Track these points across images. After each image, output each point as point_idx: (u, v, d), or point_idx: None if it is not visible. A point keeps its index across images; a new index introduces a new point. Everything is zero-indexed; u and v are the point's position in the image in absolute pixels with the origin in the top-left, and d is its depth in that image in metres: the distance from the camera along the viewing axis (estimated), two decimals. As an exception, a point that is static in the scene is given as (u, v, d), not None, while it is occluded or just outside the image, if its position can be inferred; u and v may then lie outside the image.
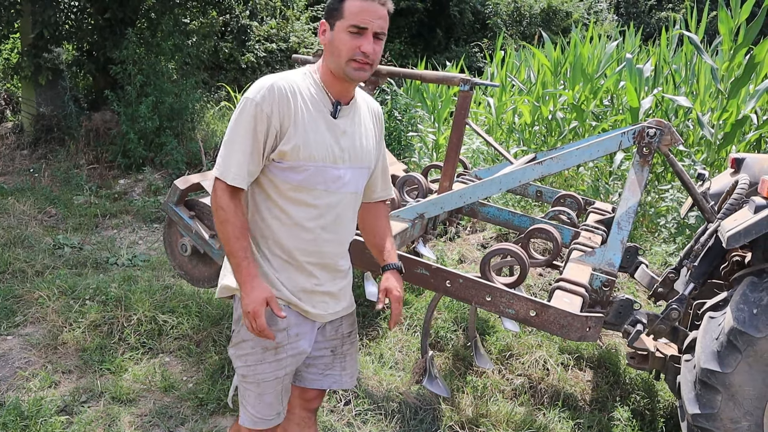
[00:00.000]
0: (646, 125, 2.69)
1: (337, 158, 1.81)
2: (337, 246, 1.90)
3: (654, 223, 5.65)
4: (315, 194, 1.79)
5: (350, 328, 2.08)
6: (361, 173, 1.90)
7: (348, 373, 2.09)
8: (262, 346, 1.85)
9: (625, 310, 2.70)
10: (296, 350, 1.90)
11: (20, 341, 3.55)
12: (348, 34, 1.70)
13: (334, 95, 1.81)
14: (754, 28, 5.38)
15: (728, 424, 2.29)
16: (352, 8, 1.70)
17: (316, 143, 1.76)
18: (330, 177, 1.79)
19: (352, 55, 1.71)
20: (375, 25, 1.71)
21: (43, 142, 8.06)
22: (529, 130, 7.54)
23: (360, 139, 1.88)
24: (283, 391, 1.94)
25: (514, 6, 17.61)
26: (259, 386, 1.89)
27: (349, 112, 1.85)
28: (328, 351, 2.03)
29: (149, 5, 8.57)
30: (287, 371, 1.92)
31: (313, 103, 1.78)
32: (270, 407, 1.92)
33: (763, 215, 2.29)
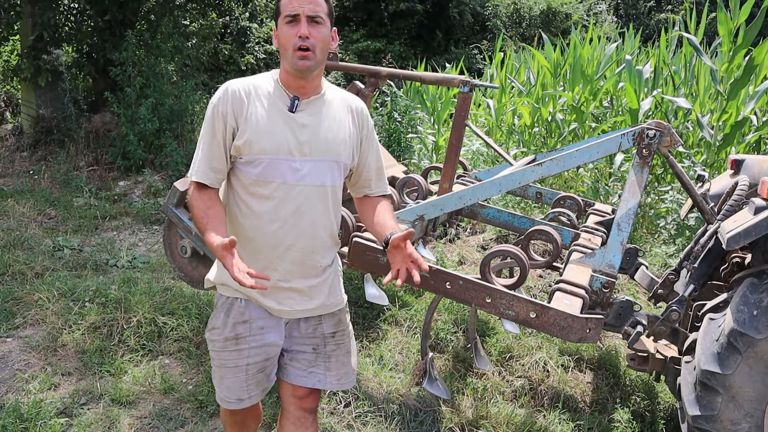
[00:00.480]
0: (646, 127, 2.69)
1: (293, 150, 1.85)
2: (301, 239, 1.91)
3: (654, 224, 5.65)
4: (273, 187, 1.85)
5: (334, 328, 2.06)
6: (325, 166, 1.91)
7: (333, 375, 2.07)
8: (224, 336, 1.96)
9: (625, 311, 2.69)
10: (261, 342, 1.97)
11: (20, 343, 3.55)
12: (286, 27, 1.80)
13: (292, 91, 1.88)
14: (754, 30, 5.38)
15: (728, 425, 2.29)
16: (284, 3, 1.81)
17: (268, 137, 1.83)
18: (287, 169, 1.85)
19: (293, 44, 1.79)
20: (306, 9, 1.78)
21: (42, 144, 8.06)
22: (529, 132, 7.55)
23: (325, 133, 1.91)
24: (249, 380, 1.99)
25: (514, 8, 17.63)
26: (221, 370, 2.01)
27: (311, 107, 1.90)
28: (309, 348, 2.04)
29: (149, 7, 8.58)
30: (251, 362, 1.97)
31: (269, 100, 1.86)
32: (229, 391, 2.01)
33: (762, 216, 2.29)
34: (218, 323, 1.97)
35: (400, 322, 3.99)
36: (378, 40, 15.63)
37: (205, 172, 1.86)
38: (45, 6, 7.45)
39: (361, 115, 2.03)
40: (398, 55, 15.39)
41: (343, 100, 1.99)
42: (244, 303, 1.95)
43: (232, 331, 1.95)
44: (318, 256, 1.96)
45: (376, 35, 16.02)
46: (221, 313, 1.98)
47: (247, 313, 1.95)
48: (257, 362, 1.99)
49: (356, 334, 3.79)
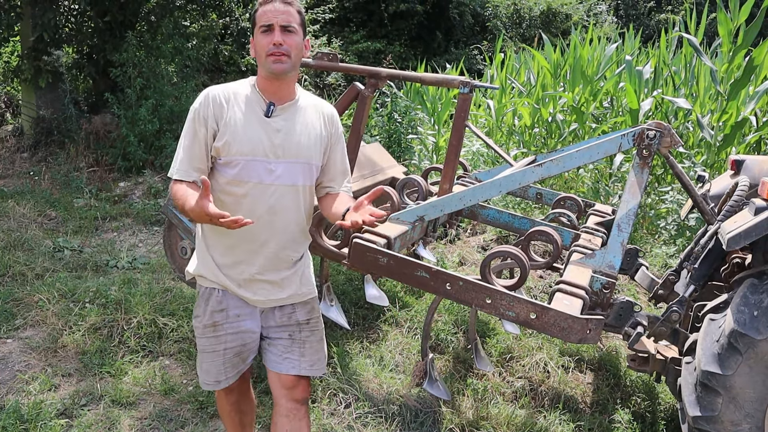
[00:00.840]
0: (646, 127, 2.69)
1: (268, 153, 1.99)
2: (275, 235, 2.06)
3: (654, 225, 5.65)
4: (249, 186, 1.99)
5: (307, 315, 2.21)
6: (298, 167, 2.05)
7: (307, 360, 2.19)
8: (203, 323, 2.12)
9: (626, 312, 2.69)
10: (237, 329, 2.12)
11: (20, 344, 3.55)
12: (261, 36, 1.96)
13: (269, 97, 2.02)
14: (753, 30, 5.38)
15: (729, 426, 2.29)
16: (259, 14, 1.98)
17: (246, 139, 1.96)
18: (263, 170, 1.98)
19: (267, 50, 1.94)
20: (279, 19, 1.94)
21: (43, 145, 8.06)
22: (529, 133, 7.55)
23: (298, 137, 2.05)
24: (226, 363, 2.15)
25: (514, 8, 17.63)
26: (201, 354, 2.17)
27: (285, 112, 2.04)
28: (285, 335, 2.18)
29: (149, 8, 8.58)
30: (228, 347, 2.13)
31: (247, 105, 2.00)
32: (207, 374, 2.17)
33: (763, 217, 2.29)
34: (199, 312, 2.14)
35: (400, 323, 3.99)
36: (378, 41, 15.62)
37: (186, 170, 1.97)
38: (45, 7, 7.45)
39: (332, 121, 2.18)
40: (398, 55, 15.39)
41: (315, 107, 2.14)
42: (221, 293, 2.10)
43: (210, 319, 2.11)
44: (290, 251, 2.12)
45: (376, 36, 16.02)
46: (202, 302, 2.13)
47: (224, 302, 2.10)
48: (234, 347, 2.14)
49: (357, 335, 3.79)
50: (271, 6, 1.95)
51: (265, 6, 1.96)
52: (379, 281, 4.17)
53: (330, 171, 2.19)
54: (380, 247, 2.73)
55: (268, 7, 1.96)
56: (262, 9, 1.97)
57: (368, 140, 6.53)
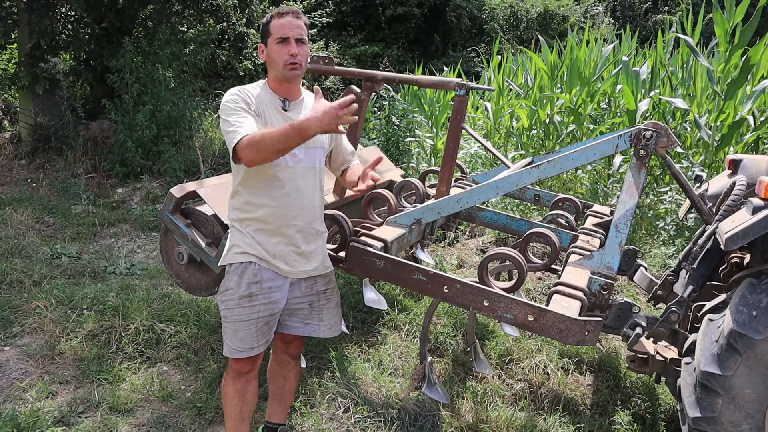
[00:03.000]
0: (643, 128, 2.68)
1: None
2: (302, 210, 2.37)
3: (653, 225, 5.64)
4: (278, 168, 2.29)
5: (325, 286, 2.54)
6: (314, 152, 2.40)
7: (325, 324, 2.56)
8: (239, 295, 2.34)
9: (624, 313, 2.68)
10: (269, 300, 2.38)
11: (17, 352, 3.54)
12: (277, 46, 2.28)
13: (281, 96, 2.37)
14: (750, 29, 5.38)
15: (729, 427, 2.27)
16: (275, 26, 2.28)
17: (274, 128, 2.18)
18: (288, 155, 2.24)
19: (285, 60, 2.27)
20: (294, 33, 2.27)
21: (40, 152, 8.05)
22: (527, 134, 7.54)
23: None
24: (258, 332, 2.39)
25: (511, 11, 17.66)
26: (235, 324, 2.37)
27: (297, 107, 2.40)
28: (305, 304, 2.49)
29: (146, 14, 8.58)
30: (260, 315, 2.37)
31: (265, 102, 2.33)
32: (243, 341, 2.38)
33: (760, 216, 2.28)
34: (231, 284, 2.35)
35: (399, 327, 3.97)
36: (376, 45, 15.65)
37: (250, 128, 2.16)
38: (42, 14, 7.44)
39: None
40: (396, 59, 15.41)
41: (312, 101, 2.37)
42: (257, 266, 2.34)
43: (247, 290, 2.34)
44: (315, 224, 2.45)
45: (373, 40, 16.04)
46: (234, 276, 2.35)
47: (260, 275, 2.35)
48: (264, 316, 2.38)
49: (355, 339, 3.77)
50: (286, 20, 2.27)
51: (280, 19, 2.27)
52: (378, 284, 4.16)
53: (342, 153, 2.60)
54: (377, 250, 2.72)
55: (283, 21, 2.27)
56: (278, 22, 2.27)
57: (366, 143, 6.52)
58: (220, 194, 2.87)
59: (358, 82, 3.64)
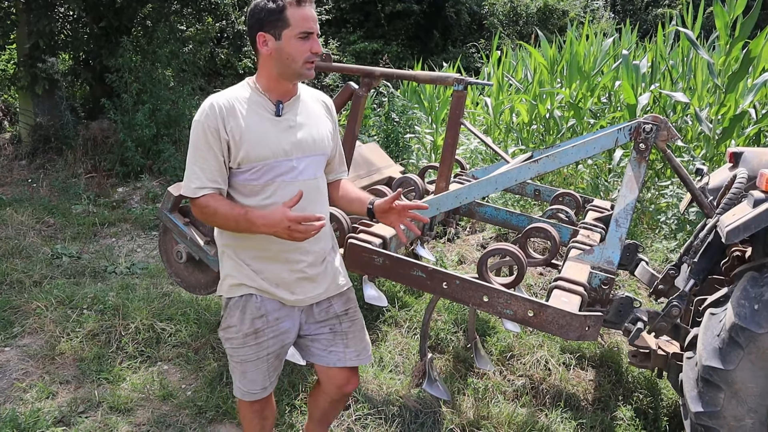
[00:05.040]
0: (643, 121, 2.66)
1: (288, 152, 1.98)
2: None
3: (654, 219, 5.62)
4: (273, 188, 1.96)
5: (344, 306, 2.21)
6: (316, 160, 2.07)
7: (352, 351, 2.21)
8: (243, 332, 2.05)
9: (625, 308, 2.67)
10: (278, 331, 2.10)
11: (18, 352, 3.53)
12: (298, 41, 1.91)
13: (275, 97, 1.99)
14: (750, 22, 5.35)
15: (732, 421, 2.26)
16: (297, 17, 1.90)
17: (264, 143, 1.94)
18: (284, 169, 1.97)
19: (306, 57, 1.93)
20: (316, 27, 1.95)
21: (41, 152, 8.05)
22: (527, 129, 7.52)
23: (311, 130, 2.05)
24: (269, 368, 2.14)
25: (511, 6, 17.61)
26: (242, 365, 2.11)
27: (293, 108, 2.03)
28: (326, 329, 2.18)
29: (145, 13, 8.57)
30: (270, 351, 2.11)
31: (255, 109, 1.96)
32: (253, 383, 2.14)
33: (762, 209, 2.26)
34: (234, 321, 2.06)
35: (399, 323, 3.96)
36: (375, 41, 15.63)
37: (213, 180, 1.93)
38: (40, 14, 7.43)
39: (331, 109, 2.21)
40: (396, 55, 15.38)
41: (313, 97, 2.15)
42: (259, 298, 2.05)
43: (251, 327, 2.05)
44: (322, 243, 2.12)
45: (373, 36, 16.02)
46: (236, 312, 2.06)
47: (263, 307, 2.05)
48: (274, 351, 2.12)
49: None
50: (308, 11, 1.92)
51: (301, 9, 1.90)
52: (378, 281, 4.15)
53: (333, 159, 2.23)
54: (376, 247, 2.71)
55: (305, 11, 1.91)
56: (299, 12, 1.90)
57: (366, 140, 6.50)
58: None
59: (357, 78, 3.62)
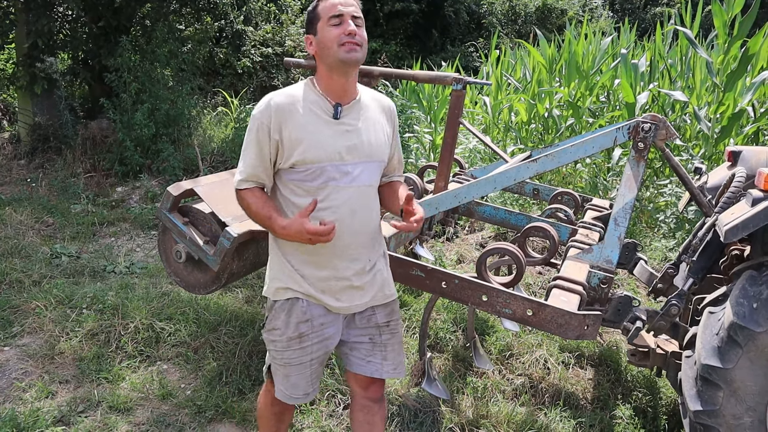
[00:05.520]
0: (641, 120, 2.67)
1: (344, 156, 1.95)
2: (355, 237, 2.02)
3: (653, 218, 5.62)
4: (327, 191, 1.94)
5: (387, 317, 2.18)
6: (372, 167, 2.03)
7: (390, 363, 2.20)
8: (288, 336, 2.05)
9: (624, 307, 2.67)
10: (322, 337, 2.08)
11: (17, 352, 3.53)
12: (330, 27, 1.89)
13: (333, 98, 1.96)
14: (749, 20, 5.35)
15: (731, 420, 2.26)
16: (326, 6, 1.91)
17: (320, 145, 1.91)
18: (339, 174, 1.94)
19: (339, 40, 1.87)
20: (349, 10, 1.90)
21: (39, 152, 8.04)
22: (526, 129, 7.52)
23: (368, 135, 2.01)
24: (312, 374, 2.13)
25: (509, 5, 17.61)
26: (285, 368, 2.10)
27: (352, 112, 1.99)
28: (366, 339, 2.17)
29: (144, 13, 8.56)
30: (314, 356, 2.09)
31: (314, 110, 1.94)
32: (295, 387, 2.12)
33: (760, 208, 2.26)
34: (279, 324, 2.06)
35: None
36: (374, 41, 15.62)
37: (251, 178, 1.97)
38: (39, 13, 7.42)
39: (392, 114, 2.16)
40: (395, 54, 15.38)
41: (375, 101, 2.11)
42: (305, 302, 2.04)
43: (296, 330, 2.05)
44: (372, 251, 2.10)
45: (372, 36, 15.97)
46: (281, 314, 2.05)
47: (309, 312, 2.04)
48: (319, 356, 2.12)
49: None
50: None
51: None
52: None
53: (390, 163, 2.19)
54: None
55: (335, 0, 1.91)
56: (329, 2, 1.91)
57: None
58: (217, 192, 2.86)
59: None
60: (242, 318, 3.84)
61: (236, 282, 4.22)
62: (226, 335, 3.65)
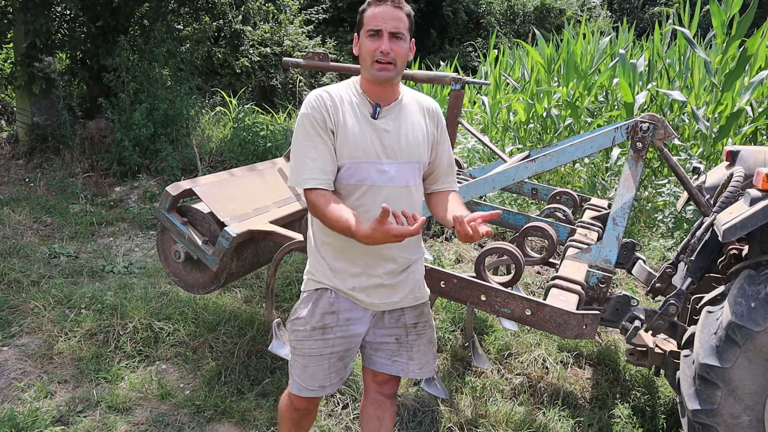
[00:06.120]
0: (639, 120, 2.67)
1: (380, 155, 1.96)
2: None
3: (651, 218, 5.63)
4: (363, 189, 1.95)
5: (415, 319, 2.18)
6: (409, 168, 2.01)
7: (416, 363, 2.21)
8: (311, 326, 2.05)
9: (623, 306, 2.67)
10: (347, 333, 2.09)
11: (16, 352, 3.53)
12: (368, 39, 1.90)
13: (374, 99, 1.98)
14: (747, 20, 5.37)
15: (729, 419, 2.27)
16: (368, 15, 1.91)
17: (358, 143, 1.93)
18: (375, 172, 1.95)
19: (373, 56, 1.89)
20: (388, 25, 1.88)
21: (38, 152, 8.03)
22: (525, 128, 7.53)
23: (406, 137, 2.01)
24: (331, 368, 2.12)
25: (508, 5, 17.62)
26: (305, 359, 2.10)
27: (391, 113, 2.00)
28: (392, 339, 2.17)
29: (142, 12, 8.55)
30: (334, 350, 2.09)
31: (354, 108, 1.96)
32: (313, 378, 2.12)
33: (758, 207, 2.27)
34: (304, 313, 2.07)
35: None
36: (372, 41, 15.60)
37: (317, 176, 1.90)
38: (37, 13, 7.41)
39: (435, 115, 2.13)
40: (393, 54, 15.36)
41: (417, 103, 2.10)
42: (334, 294, 2.05)
43: (320, 321, 2.05)
44: (406, 253, 2.08)
45: (370, 35, 16.00)
46: (307, 304, 2.07)
47: (336, 305, 2.05)
48: (339, 351, 2.10)
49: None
50: (383, 9, 1.89)
51: (375, 8, 1.90)
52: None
53: (437, 168, 2.14)
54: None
55: (378, 10, 1.89)
56: (372, 11, 1.90)
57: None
58: (216, 192, 2.86)
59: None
60: (241, 318, 3.83)
61: (235, 282, 4.22)
62: (225, 335, 3.65)
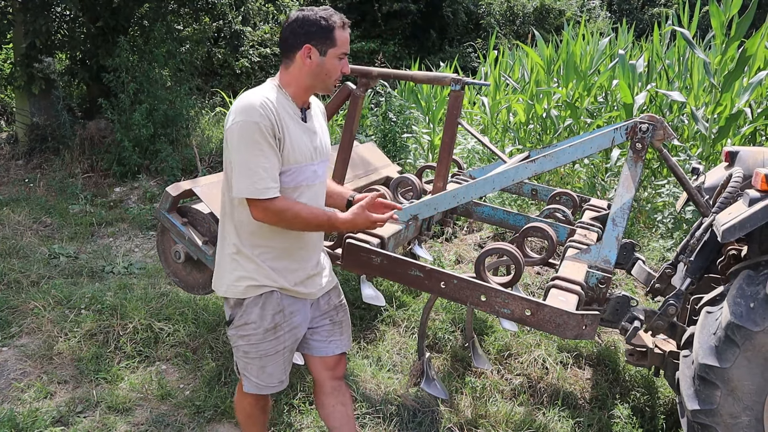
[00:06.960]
0: (639, 120, 2.68)
1: (313, 156, 2.11)
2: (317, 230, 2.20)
3: (651, 218, 5.63)
4: (300, 191, 2.07)
5: (338, 297, 2.39)
6: (325, 165, 2.22)
7: (346, 337, 2.40)
8: (264, 328, 2.14)
9: (622, 307, 2.68)
10: (292, 325, 2.20)
11: (15, 352, 3.53)
12: (337, 60, 2.04)
13: (299, 104, 2.09)
14: (746, 21, 5.37)
15: (728, 419, 2.27)
16: (341, 39, 2.03)
17: (299, 147, 2.04)
18: (309, 173, 2.09)
19: (337, 76, 2.07)
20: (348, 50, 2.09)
21: (37, 152, 8.03)
22: (524, 129, 7.54)
23: (323, 136, 2.22)
24: (285, 362, 2.25)
25: (507, 5, 17.62)
26: (261, 360, 2.19)
27: (310, 115, 2.15)
28: (327, 320, 2.33)
29: (142, 13, 8.56)
30: (286, 345, 2.21)
31: (289, 113, 2.04)
32: (271, 376, 2.23)
33: (757, 208, 2.27)
34: (253, 318, 2.13)
35: (397, 323, 3.97)
36: (372, 41, 15.62)
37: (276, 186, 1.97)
38: (37, 13, 7.41)
39: (325, 113, 2.35)
40: (393, 55, 15.39)
41: (316, 105, 2.26)
42: (279, 295, 2.14)
43: (272, 322, 2.15)
44: (321, 241, 2.33)
45: (370, 36, 16.01)
46: (255, 309, 2.13)
47: (281, 303, 2.15)
48: (290, 345, 2.23)
49: (354, 336, 3.77)
50: (347, 35, 2.06)
51: (344, 31, 2.04)
52: (376, 281, 4.15)
53: None
54: (374, 247, 2.72)
55: (346, 34, 2.05)
56: (342, 35, 2.03)
57: (363, 140, 6.50)
58: (216, 192, 2.86)
59: (354, 78, 3.63)
60: (241, 318, 3.83)
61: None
62: (225, 335, 3.65)
